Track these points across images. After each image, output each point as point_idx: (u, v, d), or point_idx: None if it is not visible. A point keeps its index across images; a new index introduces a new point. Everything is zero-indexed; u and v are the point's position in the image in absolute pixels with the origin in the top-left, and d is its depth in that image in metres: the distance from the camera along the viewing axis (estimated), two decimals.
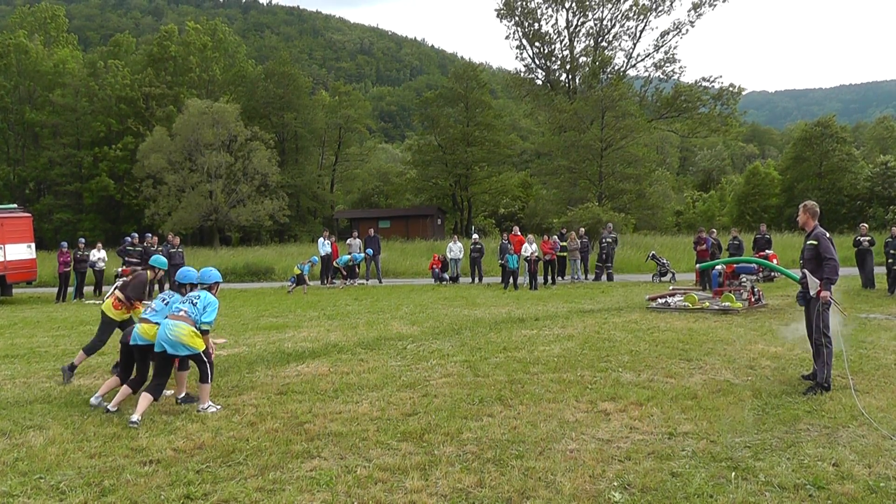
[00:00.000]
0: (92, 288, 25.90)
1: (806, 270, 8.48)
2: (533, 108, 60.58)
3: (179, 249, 24.71)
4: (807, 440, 6.43)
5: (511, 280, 23.97)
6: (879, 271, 21.64)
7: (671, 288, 20.54)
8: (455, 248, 27.86)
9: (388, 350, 11.43)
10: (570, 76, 57.55)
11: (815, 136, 61.53)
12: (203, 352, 7.89)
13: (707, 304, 16.35)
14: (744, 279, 17.47)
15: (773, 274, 22.81)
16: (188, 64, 69.36)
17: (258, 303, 20.95)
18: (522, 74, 59.03)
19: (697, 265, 21.93)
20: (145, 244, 23.59)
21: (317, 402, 8.04)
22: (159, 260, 9.84)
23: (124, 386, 8.06)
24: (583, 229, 27.76)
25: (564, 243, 26.73)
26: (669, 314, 15.62)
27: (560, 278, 26.56)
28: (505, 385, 8.62)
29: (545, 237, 26.41)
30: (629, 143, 46.02)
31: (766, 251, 24.10)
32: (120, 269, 22.66)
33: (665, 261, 26.07)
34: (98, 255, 25.13)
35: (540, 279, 25.07)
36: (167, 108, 64.88)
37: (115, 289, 9.94)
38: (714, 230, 25.27)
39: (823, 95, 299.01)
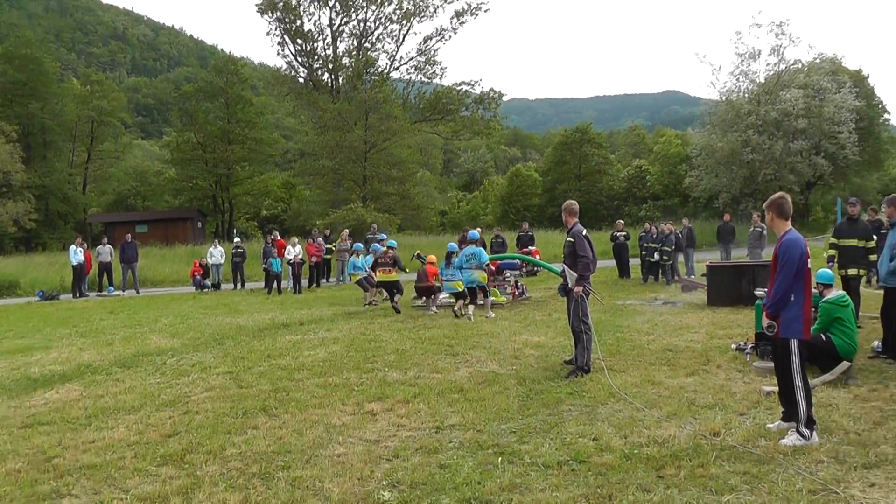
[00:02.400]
0: None
1: (565, 265, 9.08)
2: (295, 107, 60.00)
3: None
4: (569, 420, 6.88)
5: (275, 285, 23.61)
6: (634, 262, 23.72)
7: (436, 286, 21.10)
8: (216, 253, 27.07)
9: (146, 367, 10.84)
10: (332, 76, 57.57)
11: (574, 142, 66.16)
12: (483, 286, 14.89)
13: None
14: (507, 274, 18.35)
15: (535, 268, 24.15)
16: None
17: (0, 322, 19.02)
18: (284, 71, 58.22)
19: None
20: None
21: (67, 432, 7.37)
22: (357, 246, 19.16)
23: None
24: (346, 231, 27.84)
25: (331, 245, 26.71)
26: (436, 311, 16.07)
27: (325, 281, 26.53)
28: (270, 394, 8.46)
29: (310, 239, 26.25)
30: (393, 145, 46.81)
31: (529, 247, 25.44)
32: None
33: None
34: None
35: (304, 282, 24.91)
36: None
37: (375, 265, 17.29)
38: (479, 228, 26.31)
39: (581, 105, 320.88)
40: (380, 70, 57.26)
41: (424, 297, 16.76)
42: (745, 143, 44.03)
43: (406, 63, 57.89)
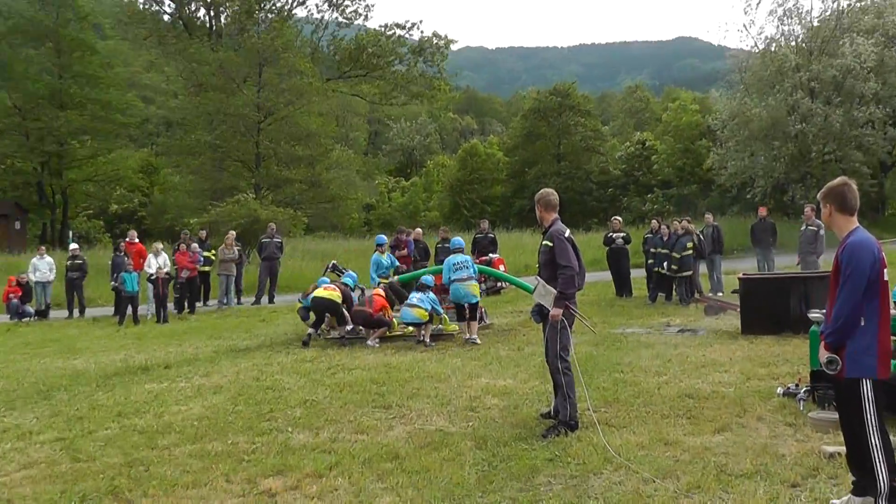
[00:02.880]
0: None
1: (540, 279, 9.01)
2: (159, 57, 59.33)
3: None
4: (548, 496, 6.82)
5: (129, 309, 23.34)
6: (637, 274, 23.81)
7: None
8: (43, 266, 26.73)
9: None
10: (211, 13, 57.16)
11: (552, 108, 66.74)
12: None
13: (411, 328, 16.92)
14: None
15: (500, 284, 24.17)
16: None
17: None
18: (142, 6, 57.58)
19: (396, 277, 22.68)
20: None
21: None
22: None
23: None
24: (233, 233, 27.62)
25: (211, 253, 26.45)
26: (360, 346, 16.06)
27: (202, 304, 26.27)
28: (121, 470, 8.28)
29: (180, 245, 25.90)
30: (298, 112, 46.72)
31: (490, 255, 25.41)
32: None
33: (352, 273, 26.60)
34: None
35: (172, 306, 24.67)
36: None
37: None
38: (419, 229, 26.32)
39: (559, 56, 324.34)
40: (278, 6, 57.00)
41: (363, 329, 17.09)
42: (791, 109, 44.23)
43: None
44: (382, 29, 56.69)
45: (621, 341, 15.05)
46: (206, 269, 26.42)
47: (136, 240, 27.40)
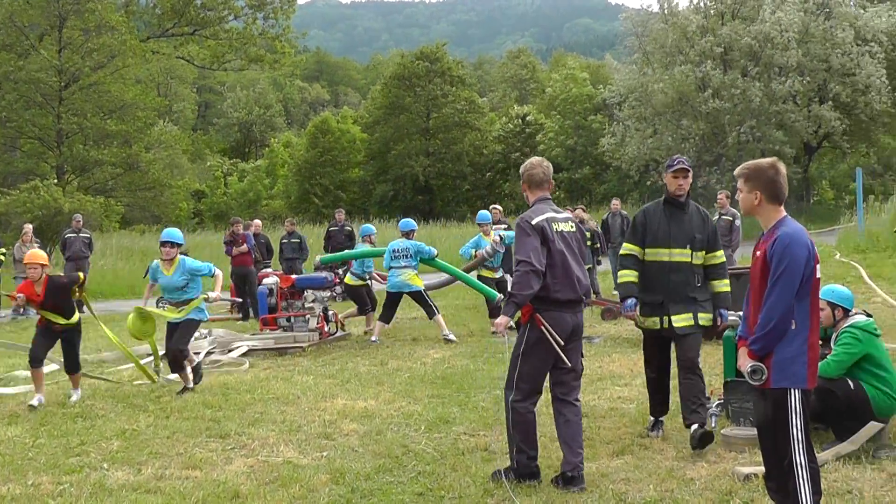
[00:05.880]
0: None
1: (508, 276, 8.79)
2: None
3: None
4: None
5: None
6: None
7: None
8: None
9: None
10: None
11: (418, 74, 66.65)
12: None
13: (254, 342, 16.83)
14: (309, 296, 18.22)
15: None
16: None
17: None
18: None
19: (233, 278, 22.49)
20: None
21: None
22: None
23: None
24: (29, 226, 27.02)
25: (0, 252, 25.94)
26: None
27: None
28: None
29: None
30: (109, 78, 45.81)
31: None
32: None
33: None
34: None
35: None
36: None
37: None
38: (258, 221, 26.11)
39: (426, 13, 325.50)
40: None
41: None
42: (701, 82, 44.79)
43: None
44: None
45: (504, 353, 15.10)
46: None
47: None
